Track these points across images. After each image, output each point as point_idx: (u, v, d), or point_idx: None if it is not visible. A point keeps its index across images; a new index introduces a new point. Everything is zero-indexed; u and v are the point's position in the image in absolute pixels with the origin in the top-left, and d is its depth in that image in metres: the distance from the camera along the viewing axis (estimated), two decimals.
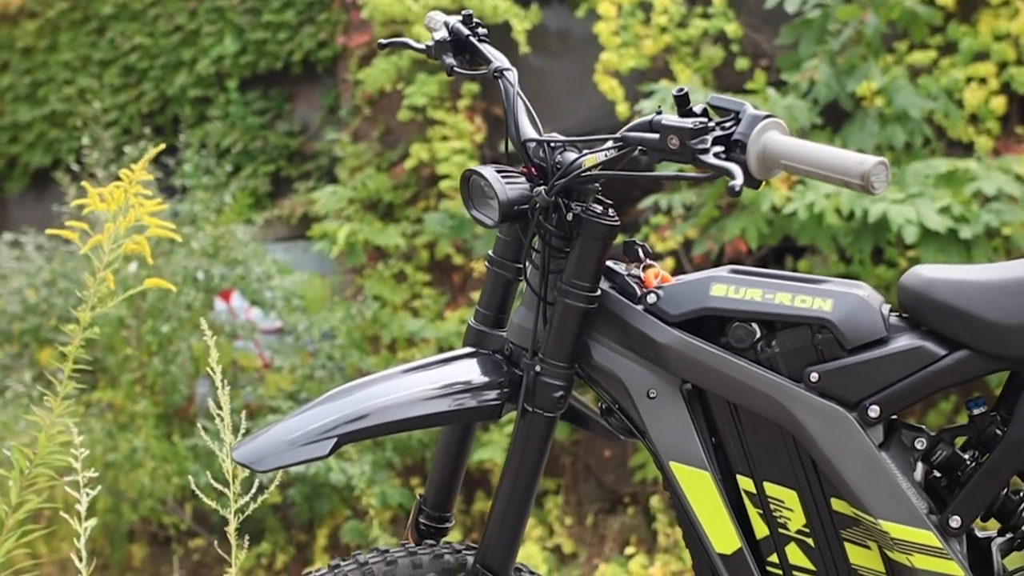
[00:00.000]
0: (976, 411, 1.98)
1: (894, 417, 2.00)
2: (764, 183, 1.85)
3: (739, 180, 1.77)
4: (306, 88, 8.19)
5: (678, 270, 6.21)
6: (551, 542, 6.45)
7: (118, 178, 7.43)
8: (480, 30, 2.27)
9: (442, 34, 2.27)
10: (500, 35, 6.91)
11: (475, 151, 6.91)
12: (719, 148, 1.84)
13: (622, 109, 6.31)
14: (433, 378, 2.07)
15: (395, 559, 2.10)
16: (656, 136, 1.89)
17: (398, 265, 7.11)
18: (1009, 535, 2.01)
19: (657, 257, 6.38)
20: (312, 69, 8.07)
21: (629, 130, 1.95)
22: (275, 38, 8.06)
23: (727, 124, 1.87)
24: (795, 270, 6.06)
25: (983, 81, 5.88)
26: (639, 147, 1.93)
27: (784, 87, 5.97)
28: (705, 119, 1.87)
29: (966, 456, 1.98)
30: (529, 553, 6.11)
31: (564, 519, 6.53)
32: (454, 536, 6.39)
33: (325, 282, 7.25)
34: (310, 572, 2.09)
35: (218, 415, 2.82)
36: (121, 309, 6.52)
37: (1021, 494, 2.01)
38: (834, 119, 5.95)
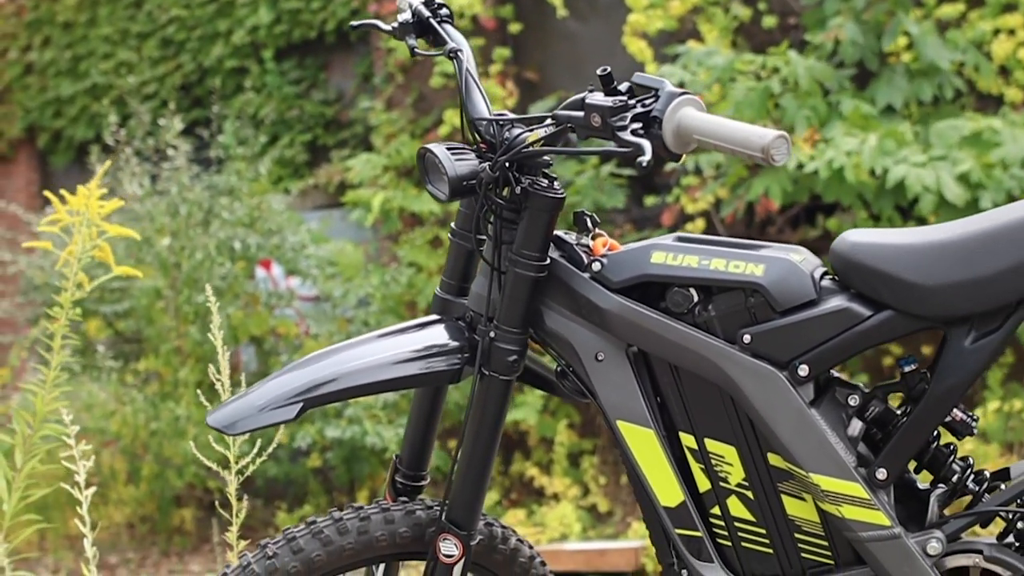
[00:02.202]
0: (907, 368, 2.06)
1: (836, 374, 2.09)
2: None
3: (647, 155, 1.86)
4: (340, 57, 8.24)
5: (710, 229, 6.26)
6: (586, 501, 6.54)
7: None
8: (442, 11, 2.35)
9: (406, 16, 2.36)
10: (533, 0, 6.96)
11: None
12: (637, 125, 1.93)
13: (651, 70, 6.33)
14: (398, 344, 2.17)
15: (368, 515, 2.20)
16: (581, 114, 1.99)
17: (433, 231, 7.18)
18: (942, 487, 2.08)
19: (688, 218, 6.42)
20: (346, 37, 8.11)
21: (562, 108, 2.05)
22: (309, 7, 8.11)
23: (647, 101, 1.96)
24: (825, 228, 6.09)
25: (1012, 32, 5.86)
26: (568, 124, 2.02)
27: (807, 47, 5.99)
28: (625, 98, 1.96)
29: (898, 412, 2.06)
30: (564, 512, 6.19)
31: (599, 479, 6.62)
32: (492, 497, 6.50)
33: (358, 249, 7.34)
34: (289, 529, 2.19)
35: (216, 379, 2.94)
36: (158, 280, 6.66)
37: (951, 447, 2.09)
38: (858, 78, 5.97)
